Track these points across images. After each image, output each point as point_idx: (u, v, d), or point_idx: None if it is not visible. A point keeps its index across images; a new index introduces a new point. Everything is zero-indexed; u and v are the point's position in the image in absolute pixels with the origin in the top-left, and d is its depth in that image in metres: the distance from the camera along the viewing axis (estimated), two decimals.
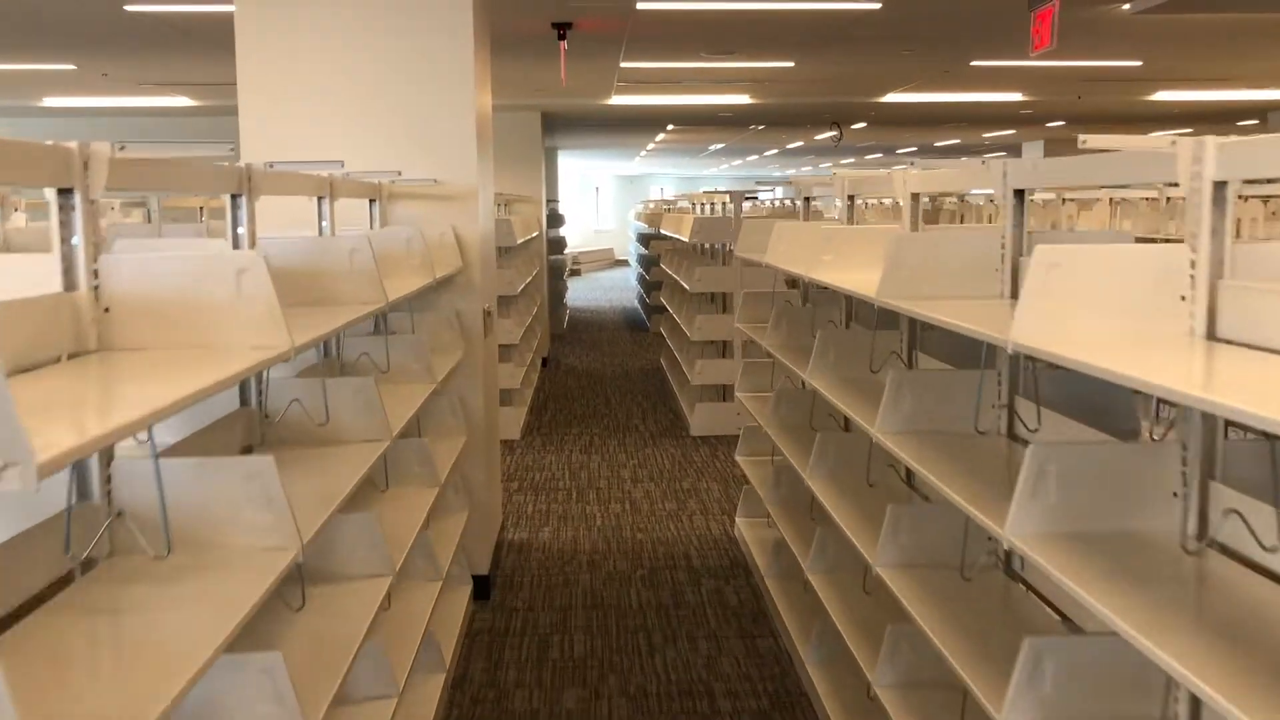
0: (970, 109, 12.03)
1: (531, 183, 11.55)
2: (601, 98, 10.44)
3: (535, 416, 8.98)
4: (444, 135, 4.65)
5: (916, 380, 2.99)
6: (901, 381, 2.96)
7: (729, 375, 8.12)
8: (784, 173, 32.84)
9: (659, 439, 8.11)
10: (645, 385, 10.44)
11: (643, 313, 16.61)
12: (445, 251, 4.62)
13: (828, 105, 11.36)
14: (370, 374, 3.78)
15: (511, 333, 7.99)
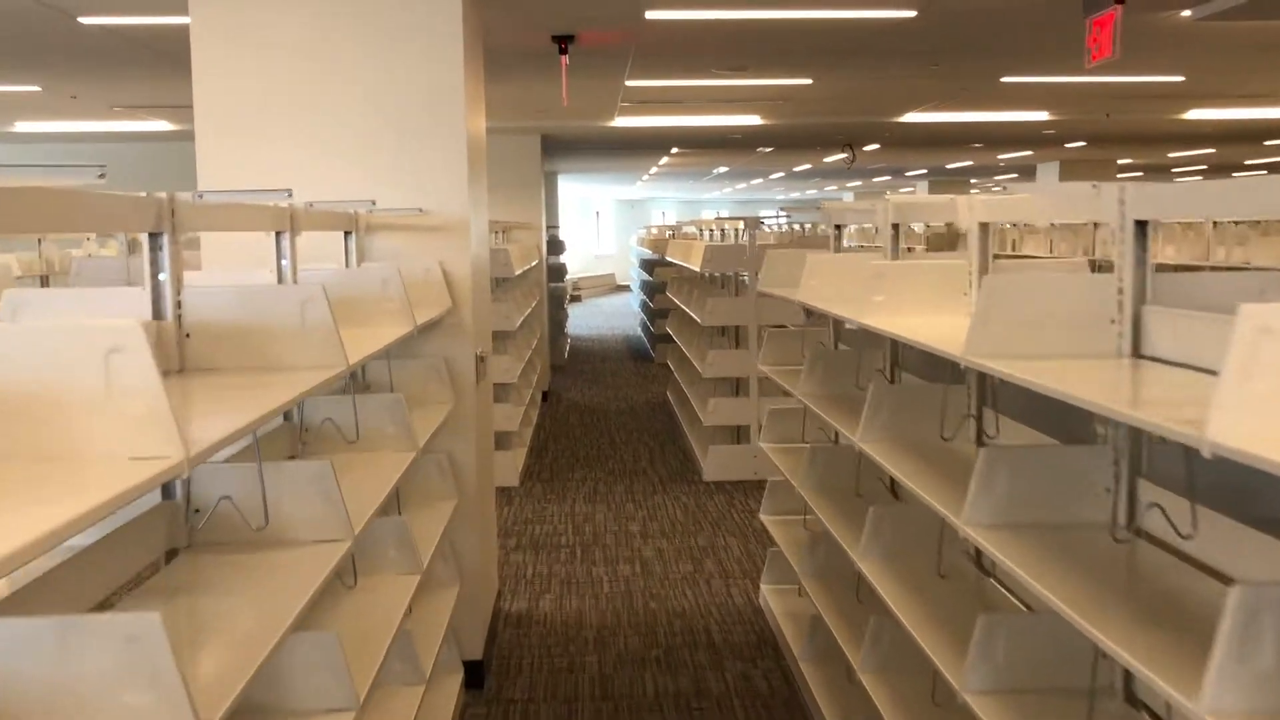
0: (990, 129, 11.48)
1: (530, 209, 10.99)
2: (604, 119, 9.89)
3: (535, 459, 8.38)
4: (430, 159, 4.08)
5: (1017, 461, 2.39)
6: (997, 460, 2.36)
7: (744, 415, 7.52)
8: (788, 196, 32.33)
9: (669, 485, 7.50)
10: (652, 422, 9.83)
11: (646, 341, 16.02)
12: (431, 290, 4.04)
13: (842, 126, 10.82)
14: (335, 446, 3.19)
15: (509, 370, 7.40)
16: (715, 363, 7.51)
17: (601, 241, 31.64)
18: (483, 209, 4.67)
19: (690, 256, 8.39)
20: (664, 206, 34.41)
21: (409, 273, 3.99)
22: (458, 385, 4.13)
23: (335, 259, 3.99)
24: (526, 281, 10.22)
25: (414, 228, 4.08)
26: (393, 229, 4.08)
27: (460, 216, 4.09)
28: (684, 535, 6.27)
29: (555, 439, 9.17)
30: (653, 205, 33.97)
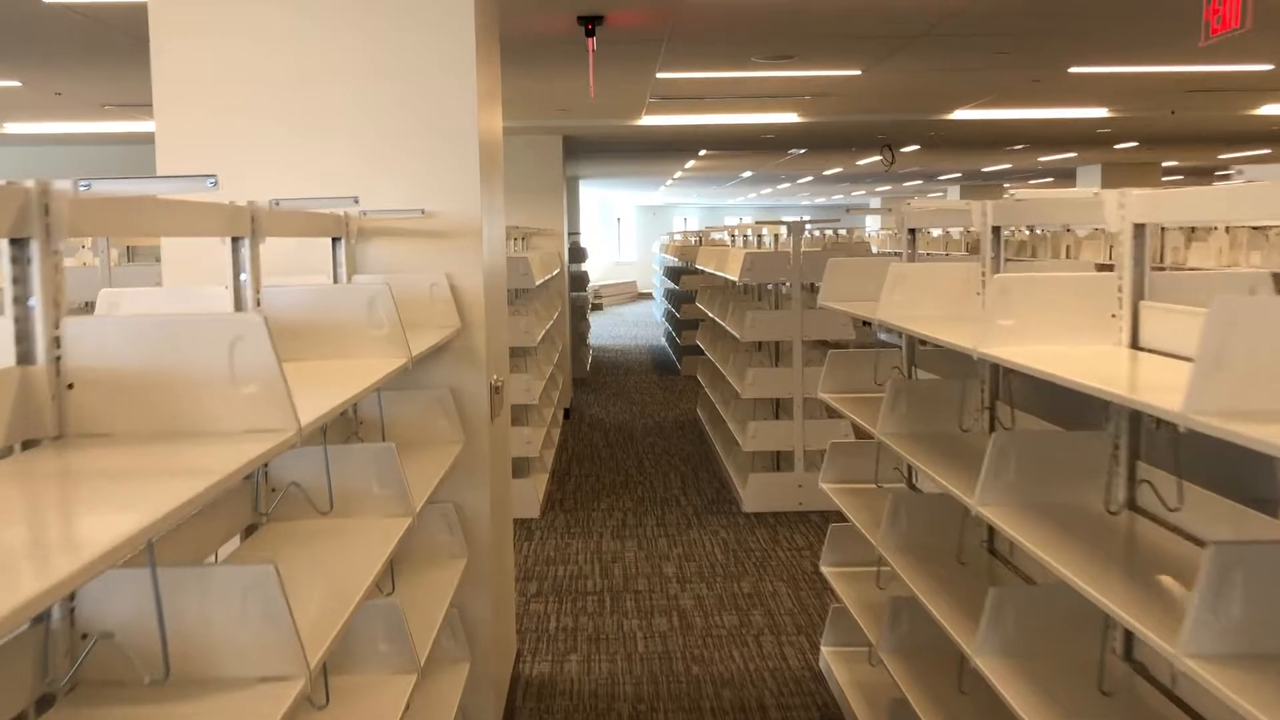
0: (1041, 128, 10.76)
1: (552, 214, 10.32)
2: (631, 117, 9.22)
3: (557, 486, 7.69)
4: (436, 154, 3.41)
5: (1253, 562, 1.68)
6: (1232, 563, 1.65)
7: (787, 440, 6.83)
8: (814, 202, 31.60)
9: (705, 516, 6.80)
10: (682, 443, 9.13)
11: (672, 353, 15.33)
12: (436, 310, 3.36)
13: (884, 124, 10.11)
14: (301, 518, 2.51)
15: (529, 390, 6.72)
16: (756, 382, 6.81)
17: (623, 248, 30.97)
18: (498, 213, 3.99)
19: (726, 265, 7.70)
20: (686, 212, 33.73)
21: (410, 288, 3.32)
22: (468, 421, 3.45)
23: (326, 271, 3.33)
24: (548, 291, 9.55)
25: (416, 234, 3.41)
26: (391, 235, 3.41)
27: (471, 220, 3.42)
28: (726, 579, 5.57)
29: (579, 462, 8.49)
30: (675, 211, 33.30)
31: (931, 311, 3.39)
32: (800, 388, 6.79)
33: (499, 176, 4.05)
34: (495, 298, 3.76)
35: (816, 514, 6.78)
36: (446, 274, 3.38)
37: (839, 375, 4.36)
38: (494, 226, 3.78)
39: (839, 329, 6.84)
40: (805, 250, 6.86)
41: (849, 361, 4.36)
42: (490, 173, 3.71)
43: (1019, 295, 2.49)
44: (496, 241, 3.87)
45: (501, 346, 3.91)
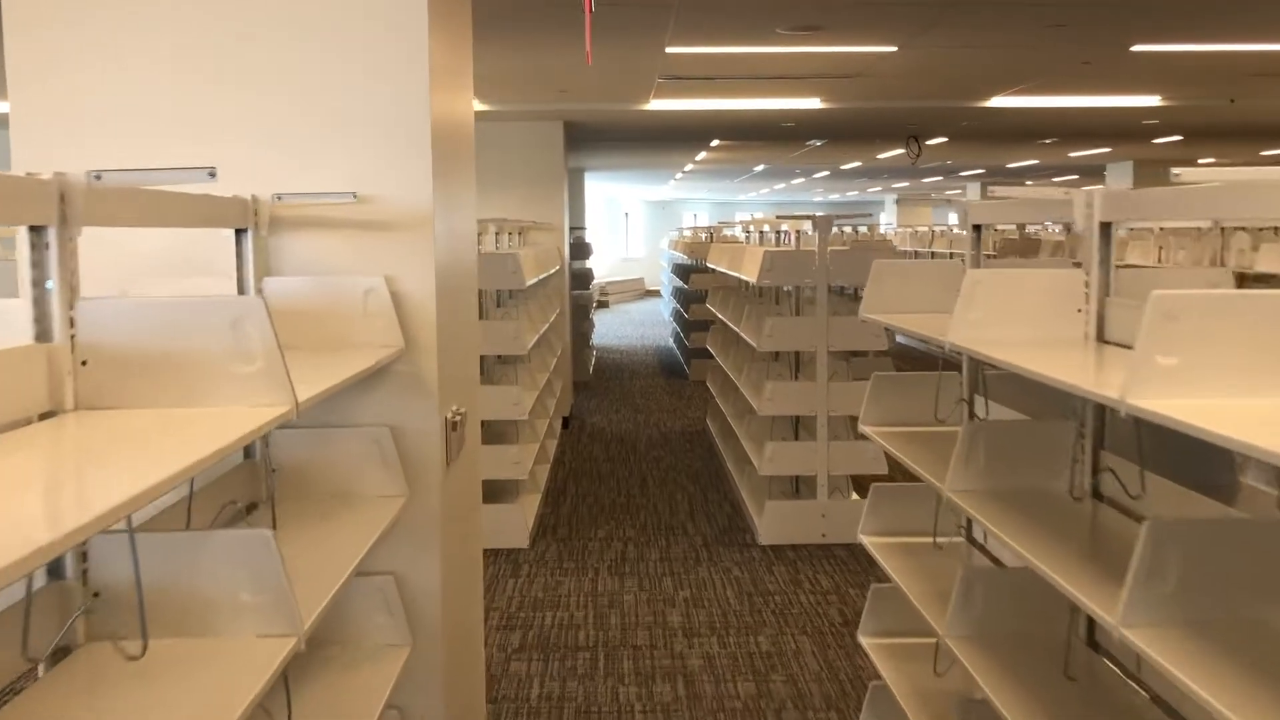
0: (1083, 118, 9.94)
1: (551, 207, 9.52)
2: (638, 101, 8.42)
3: (551, 508, 6.90)
4: (375, 127, 2.62)
5: None
6: None
7: (808, 463, 6.04)
8: (828, 198, 30.77)
9: (715, 549, 6.01)
10: (690, 458, 8.34)
11: (680, 355, 14.54)
12: (372, 324, 2.58)
13: (913, 113, 9.30)
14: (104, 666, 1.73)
15: (518, 404, 5.94)
16: (775, 398, 6.01)
17: (630, 244, 30.18)
18: (465, 202, 3.20)
19: (742, 264, 6.91)
20: (696, 208, 32.94)
21: (337, 295, 2.54)
22: (414, 468, 2.66)
23: (229, 271, 2.54)
24: (545, 290, 8.77)
25: (349, 225, 2.62)
26: (316, 227, 2.62)
27: (419, 208, 2.63)
28: (740, 632, 4.78)
29: (576, 479, 7.70)
30: (684, 206, 32.50)
31: (1020, 333, 2.61)
32: (825, 404, 6.00)
33: (467, 159, 3.26)
34: (457, 307, 2.97)
35: (842, 548, 5.99)
36: (387, 276, 2.59)
37: (885, 404, 3.58)
38: (457, 218, 2.99)
39: (869, 338, 6.04)
40: (831, 249, 6.06)
41: (898, 387, 3.57)
42: (452, 152, 2.93)
43: (1190, 323, 1.71)
44: (462, 237, 3.08)
45: (465, 369, 3.12)
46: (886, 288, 3.50)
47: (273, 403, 1.75)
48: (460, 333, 3.01)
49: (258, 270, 2.54)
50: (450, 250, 2.86)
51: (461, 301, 3.05)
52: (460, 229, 3.07)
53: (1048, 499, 2.57)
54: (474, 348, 3.33)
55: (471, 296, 3.30)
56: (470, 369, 3.24)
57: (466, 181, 3.21)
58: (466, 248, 3.19)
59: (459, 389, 2.95)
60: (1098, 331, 2.48)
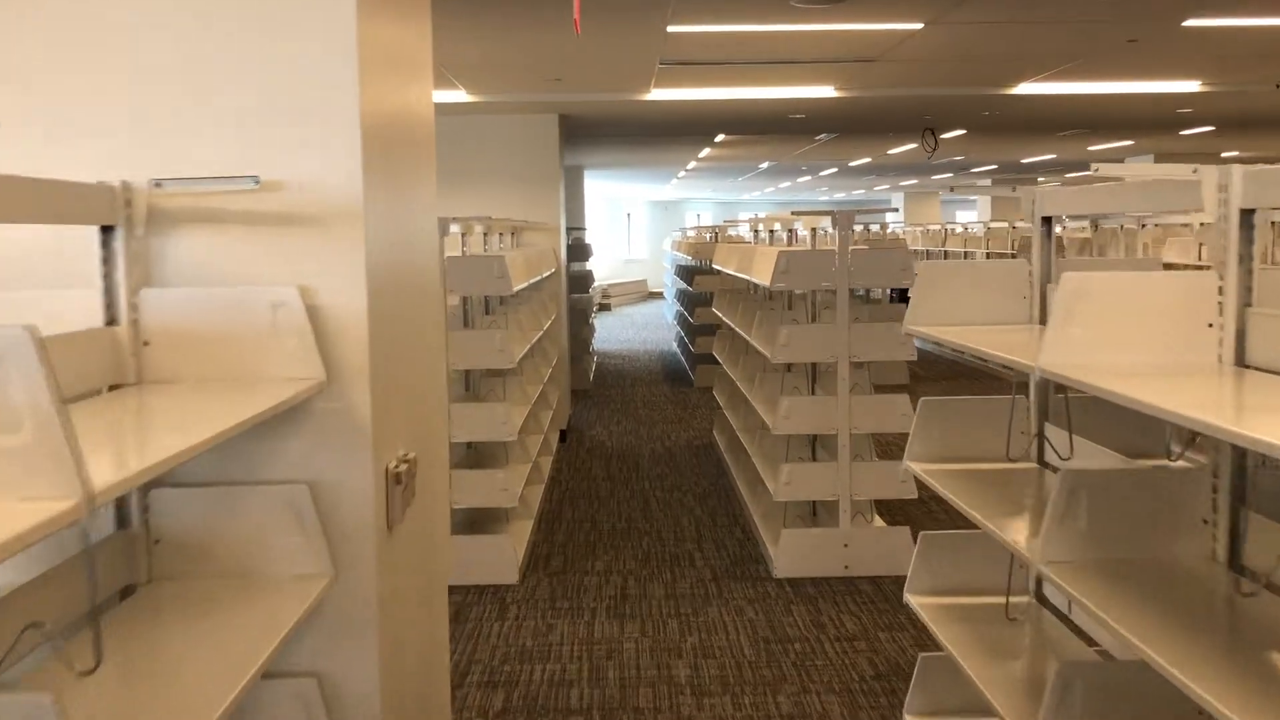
0: (1113, 106, 9.31)
1: (547, 205, 8.90)
2: (638, 90, 7.81)
3: (544, 536, 6.28)
4: (284, 96, 2.00)
5: None
6: None
7: (829, 486, 5.41)
8: (832, 197, 30.13)
9: (726, 584, 5.39)
10: (697, 476, 7.72)
11: (684, 360, 13.91)
12: (281, 348, 1.96)
13: (935, 102, 8.67)
14: None
15: (506, 423, 5.32)
16: (792, 415, 5.39)
17: (633, 245, 29.56)
18: (418, 197, 2.58)
19: (752, 266, 6.28)
20: (699, 208, 32.32)
21: (236, 312, 1.93)
22: (342, 538, 2.04)
23: (93, 279, 1.93)
24: (540, 295, 8.15)
25: (250, 220, 2.00)
26: (210, 223, 2.00)
27: (344, 199, 2.01)
28: (757, 688, 4.15)
29: (573, 501, 7.08)
30: (687, 206, 31.88)
31: (1137, 356, 1.99)
32: (848, 421, 5.37)
33: (423, 150, 2.64)
34: (404, 323, 2.34)
35: (867, 582, 5.36)
36: (302, 287, 1.97)
37: (936, 435, 2.95)
38: (405, 214, 2.37)
39: (894, 346, 5.42)
40: (856, 248, 5.43)
41: (952, 415, 2.95)
42: (397, 138, 2.32)
43: None
44: (413, 237, 2.46)
45: (419, 401, 2.50)
46: (936, 295, 2.88)
47: (47, 494, 1.16)
48: (409, 355, 2.38)
49: (132, 279, 1.93)
50: (393, 253, 2.23)
51: (412, 316, 2.43)
52: (411, 228, 2.45)
53: (1173, 573, 2.08)
54: (433, 372, 2.70)
55: (430, 309, 2.68)
56: (429, 400, 2.61)
57: (421, 174, 2.59)
58: (421, 251, 2.57)
59: (407, 428, 2.33)
60: (1236, 353, 2.01)
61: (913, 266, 5.41)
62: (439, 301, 2.76)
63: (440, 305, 2.77)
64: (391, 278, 2.20)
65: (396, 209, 2.29)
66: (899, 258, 5.35)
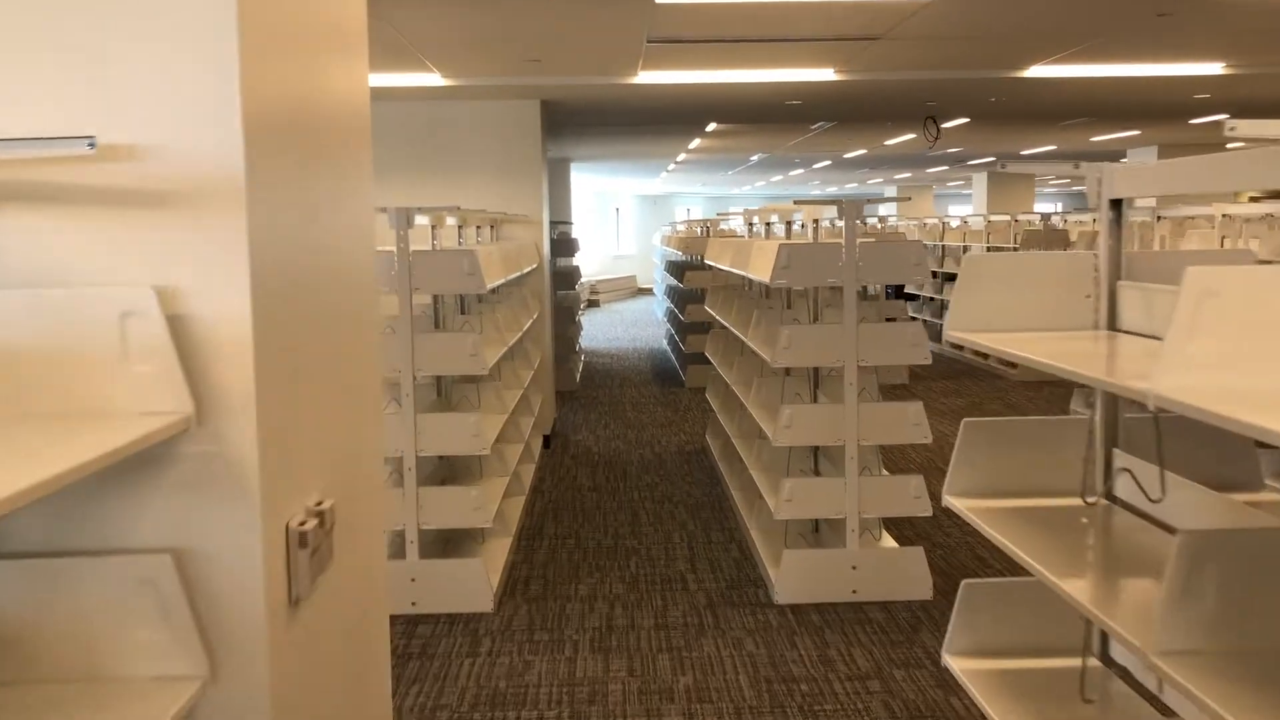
0: (1127, 91, 8.82)
1: (528, 198, 8.38)
2: (624, 73, 7.30)
3: (524, 556, 5.77)
4: (147, 55, 1.47)
5: None
6: None
7: (834, 503, 4.92)
8: (825, 191, 29.64)
9: (723, 611, 4.88)
10: (689, 484, 7.21)
11: (674, 359, 13.41)
12: (130, 375, 1.44)
13: (938, 85, 8.17)
14: None
15: (479, 434, 4.80)
16: (795, 425, 4.88)
17: (622, 241, 29.04)
18: (346, 179, 2.06)
19: (749, 261, 5.78)
20: (689, 202, 31.82)
21: (72, 321, 1.40)
22: (220, 624, 1.53)
23: None
24: (521, 291, 7.64)
25: (90, 198, 1.48)
26: (29, 204, 1.48)
27: (221, 172, 1.48)
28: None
29: (556, 515, 6.57)
30: (676, 201, 31.37)
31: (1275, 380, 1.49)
32: (855, 431, 4.87)
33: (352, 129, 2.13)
34: (316, 335, 1.83)
35: (878, 608, 4.87)
36: (161, 289, 1.46)
37: (981, 464, 2.45)
38: (316, 198, 1.85)
39: (906, 349, 4.91)
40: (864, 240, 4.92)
41: (1001, 439, 2.44)
42: (300, 101, 1.80)
43: None
44: (333, 227, 1.95)
45: (341, 431, 1.98)
46: (981, 294, 2.37)
47: None
48: (326, 373, 1.87)
49: None
50: (299, 248, 1.72)
51: (329, 323, 1.91)
52: (334, 219, 1.93)
53: None
54: (364, 388, 2.18)
55: (360, 313, 2.16)
56: (358, 423, 2.10)
57: (349, 155, 2.07)
58: (349, 246, 2.05)
59: (322, 467, 1.82)
60: None
61: (926, 261, 4.91)
62: (373, 304, 2.24)
63: (374, 308, 2.25)
64: (294, 278, 1.69)
65: (308, 194, 1.77)
66: (911, 252, 4.85)
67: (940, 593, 5.04)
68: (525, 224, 8.38)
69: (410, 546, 4.85)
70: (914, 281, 4.85)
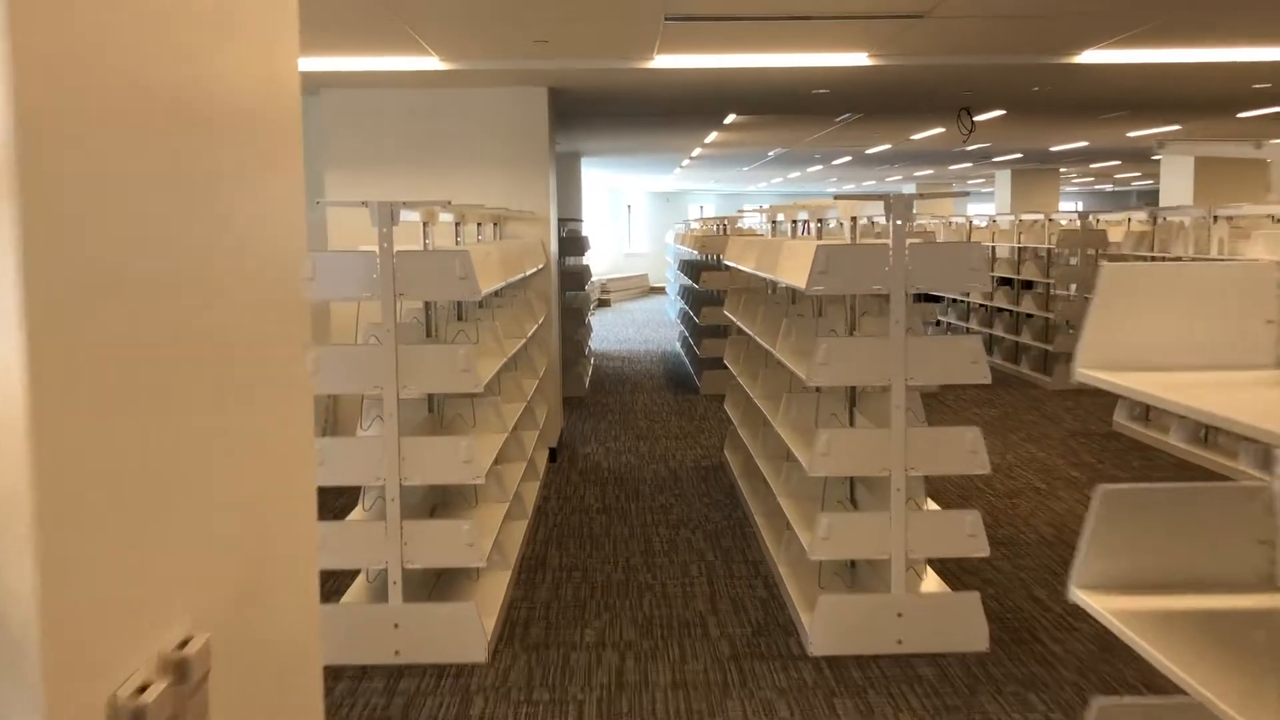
0: (1181, 78, 8.18)
1: (534, 193, 7.76)
2: (639, 57, 6.68)
3: (524, 592, 5.16)
4: None
5: None
6: None
7: (878, 542, 4.30)
8: (842, 189, 28.97)
9: (749, 664, 4.27)
10: (706, 507, 6.60)
11: (689, 364, 12.79)
12: None
13: (979, 71, 7.54)
14: None
15: (470, 461, 4.20)
16: (834, 452, 4.27)
17: (634, 239, 28.43)
18: (250, 177, 1.44)
19: (778, 264, 5.16)
20: (702, 199, 31.19)
21: None
22: None
23: None
24: (526, 294, 7.04)
25: None
26: None
27: None
28: None
29: (560, 543, 5.96)
30: (689, 199, 30.74)
31: None
32: (903, 460, 4.26)
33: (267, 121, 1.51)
34: (191, 380, 1.21)
35: (926, 663, 4.25)
36: None
37: (1124, 544, 1.82)
38: (196, 186, 1.23)
39: (963, 366, 4.29)
40: (915, 241, 4.30)
41: (1152, 513, 1.81)
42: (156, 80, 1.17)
43: None
44: (232, 226, 1.33)
45: (231, 526, 1.36)
46: (1124, 319, 1.74)
47: None
48: (194, 431, 1.25)
49: None
50: (146, 256, 1.10)
51: (214, 354, 1.29)
52: (228, 214, 1.31)
53: None
54: (279, 433, 1.56)
55: (271, 333, 1.54)
56: (262, 494, 1.48)
57: (255, 143, 1.46)
58: (253, 247, 1.43)
59: (190, 585, 1.20)
60: None
61: (986, 265, 4.29)
62: (295, 319, 1.61)
63: (297, 324, 1.62)
64: (134, 300, 1.07)
65: (174, 190, 1.16)
66: (971, 254, 4.22)
67: (997, 643, 4.42)
68: (531, 221, 7.78)
69: (393, 588, 4.25)
70: (976, 289, 4.24)
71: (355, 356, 4.20)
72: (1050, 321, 11.41)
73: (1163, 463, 7.73)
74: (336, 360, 4.19)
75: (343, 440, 4.30)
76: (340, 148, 7.52)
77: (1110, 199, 32.85)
